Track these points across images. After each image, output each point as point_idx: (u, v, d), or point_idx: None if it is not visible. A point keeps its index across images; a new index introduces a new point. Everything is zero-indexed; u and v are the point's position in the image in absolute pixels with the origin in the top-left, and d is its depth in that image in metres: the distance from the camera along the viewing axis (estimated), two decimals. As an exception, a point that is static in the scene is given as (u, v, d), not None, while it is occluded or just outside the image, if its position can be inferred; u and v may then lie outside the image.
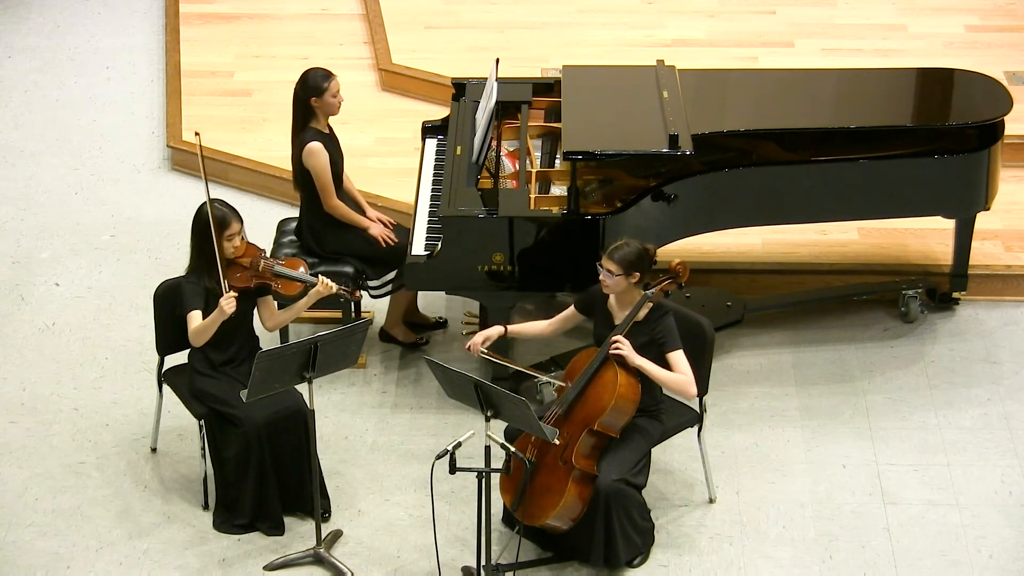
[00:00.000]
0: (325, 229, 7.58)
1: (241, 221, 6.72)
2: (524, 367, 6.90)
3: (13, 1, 10.98)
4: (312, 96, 7.41)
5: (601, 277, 6.52)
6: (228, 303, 6.58)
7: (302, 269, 6.85)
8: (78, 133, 9.66)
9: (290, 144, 7.54)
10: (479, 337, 6.70)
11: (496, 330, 6.73)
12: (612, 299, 6.63)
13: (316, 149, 7.41)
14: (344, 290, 6.89)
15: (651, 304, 6.51)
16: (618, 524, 6.47)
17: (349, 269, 7.56)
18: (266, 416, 6.65)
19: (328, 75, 7.43)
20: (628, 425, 6.48)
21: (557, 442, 6.27)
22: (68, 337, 7.99)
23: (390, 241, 7.60)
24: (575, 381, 6.49)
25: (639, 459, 6.52)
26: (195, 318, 6.67)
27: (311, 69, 7.46)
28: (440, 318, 8.07)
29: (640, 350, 6.46)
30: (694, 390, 6.52)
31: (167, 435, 7.29)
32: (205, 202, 6.66)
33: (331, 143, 7.51)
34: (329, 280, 6.82)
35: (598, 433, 6.42)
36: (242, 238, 6.74)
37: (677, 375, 6.48)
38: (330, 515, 6.86)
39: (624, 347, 6.43)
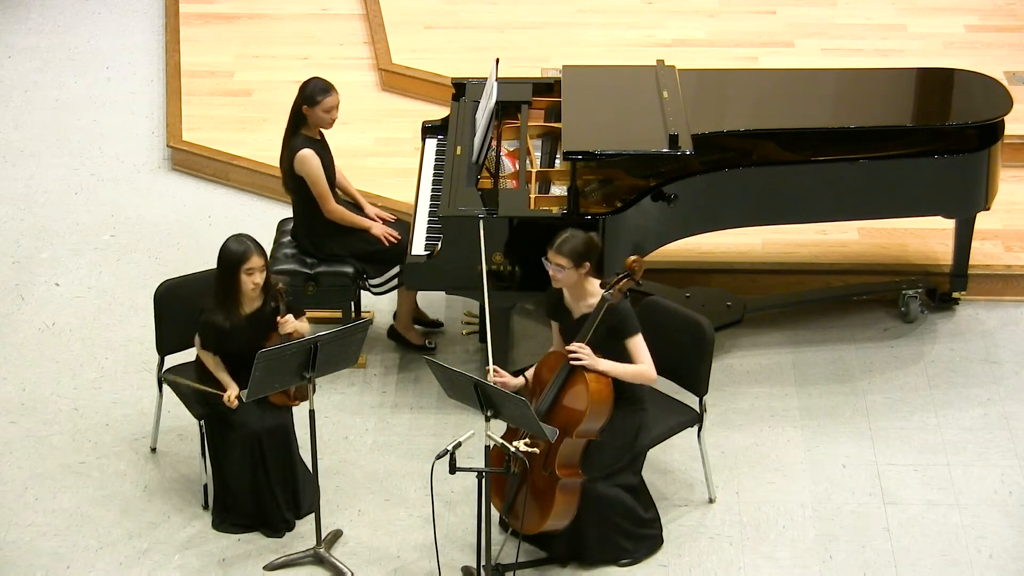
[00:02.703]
0: (325, 234, 7.55)
1: (265, 256, 6.60)
2: None
3: (13, 1, 10.98)
4: (304, 104, 7.36)
5: (551, 273, 6.43)
6: (232, 403, 6.62)
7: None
8: (78, 133, 9.65)
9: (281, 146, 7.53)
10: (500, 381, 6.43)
11: (516, 383, 6.48)
12: (567, 295, 6.57)
13: (307, 156, 7.37)
14: None
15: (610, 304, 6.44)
16: (612, 523, 6.47)
17: (349, 269, 7.56)
18: (258, 420, 6.65)
19: (327, 89, 7.32)
20: (608, 425, 6.44)
21: (537, 451, 6.20)
22: (68, 337, 7.98)
23: (392, 239, 7.58)
24: (545, 392, 6.41)
25: (623, 456, 6.48)
26: (207, 356, 6.71)
27: (314, 78, 7.39)
28: (437, 320, 8.05)
29: (602, 343, 6.37)
30: (654, 375, 6.44)
31: (167, 435, 7.29)
32: (232, 236, 6.58)
33: (322, 149, 7.47)
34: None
35: (576, 441, 6.40)
36: (263, 273, 6.57)
37: (637, 367, 6.40)
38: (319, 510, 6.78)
39: (584, 357, 6.34)
